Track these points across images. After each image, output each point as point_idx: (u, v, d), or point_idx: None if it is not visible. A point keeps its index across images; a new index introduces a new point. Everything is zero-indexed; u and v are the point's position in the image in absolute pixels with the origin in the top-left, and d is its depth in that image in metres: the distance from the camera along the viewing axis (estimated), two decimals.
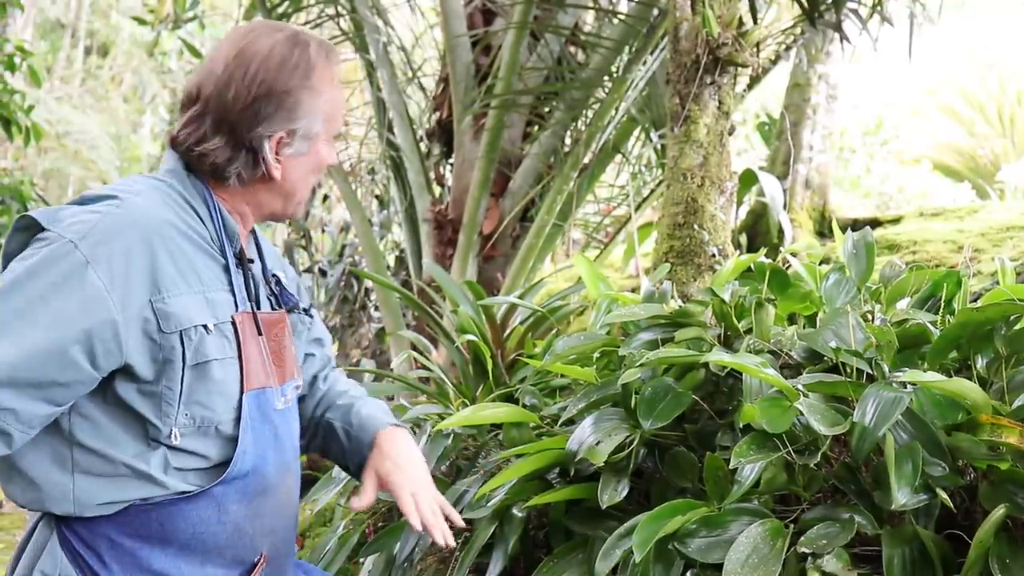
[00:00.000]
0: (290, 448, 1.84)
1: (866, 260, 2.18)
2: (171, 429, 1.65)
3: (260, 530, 1.77)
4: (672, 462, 1.99)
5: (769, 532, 1.62)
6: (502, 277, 4.81)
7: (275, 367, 1.81)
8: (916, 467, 1.57)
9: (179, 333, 1.64)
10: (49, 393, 1.57)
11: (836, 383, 1.80)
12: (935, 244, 4.75)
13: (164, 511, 1.67)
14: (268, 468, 1.76)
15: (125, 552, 1.67)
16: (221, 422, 1.70)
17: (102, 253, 1.59)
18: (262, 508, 1.77)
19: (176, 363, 1.64)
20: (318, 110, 1.79)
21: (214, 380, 1.68)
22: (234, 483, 1.72)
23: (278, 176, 1.79)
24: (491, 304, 2.93)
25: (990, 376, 1.79)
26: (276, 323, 1.86)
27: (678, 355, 1.99)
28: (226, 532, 1.73)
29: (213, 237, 1.76)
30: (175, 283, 1.66)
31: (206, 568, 1.72)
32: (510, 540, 2.22)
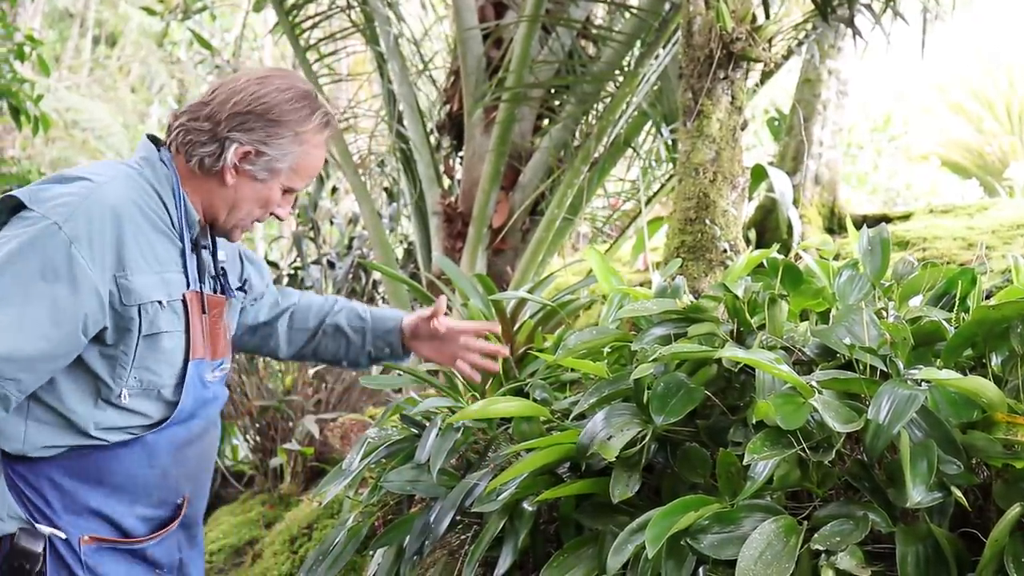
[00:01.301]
0: (215, 410, 2.15)
1: (881, 257, 2.17)
2: (121, 390, 1.92)
3: (183, 476, 2.08)
4: (684, 458, 1.99)
5: (783, 529, 1.61)
6: (511, 270, 4.80)
7: (210, 344, 2.08)
8: (931, 465, 1.56)
9: (137, 307, 1.90)
10: (47, 363, 1.82)
11: (850, 380, 1.79)
12: (945, 241, 4.74)
13: (101, 455, 1.94)
14: (195, 423, 2.07)
15: (65, 492, 1.93)
16: (164, 386, 1.98)
17: (82, 232, 1.81)
18: (186, 457, 2.07)
19: (132, 332, 1.90)
20: (291, 154, 2.04)
21: (163, 350, 1.96)
22: (164, 433, 2.00)
23: (230, 181, 2.03)
24: (501, 298, 2.92)
25: (1005, 374, 1.79)
26: (216, 305, 2.12)
27: (691, 350, 1.98)
28: (154, 476, 2.01)
29: (174, 222, 2.00)
30: (136, 262, 1.90)
31: (135, 508, 2.01)
32: (520, 534, 2.21)
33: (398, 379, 3.20)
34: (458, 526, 2.53)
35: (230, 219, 2.10)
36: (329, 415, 5.30)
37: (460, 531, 2.55)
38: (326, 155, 2.21)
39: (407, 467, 2.47)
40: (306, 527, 4.12)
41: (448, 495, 2.38)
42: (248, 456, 6.07)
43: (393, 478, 2.46)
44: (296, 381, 5.67)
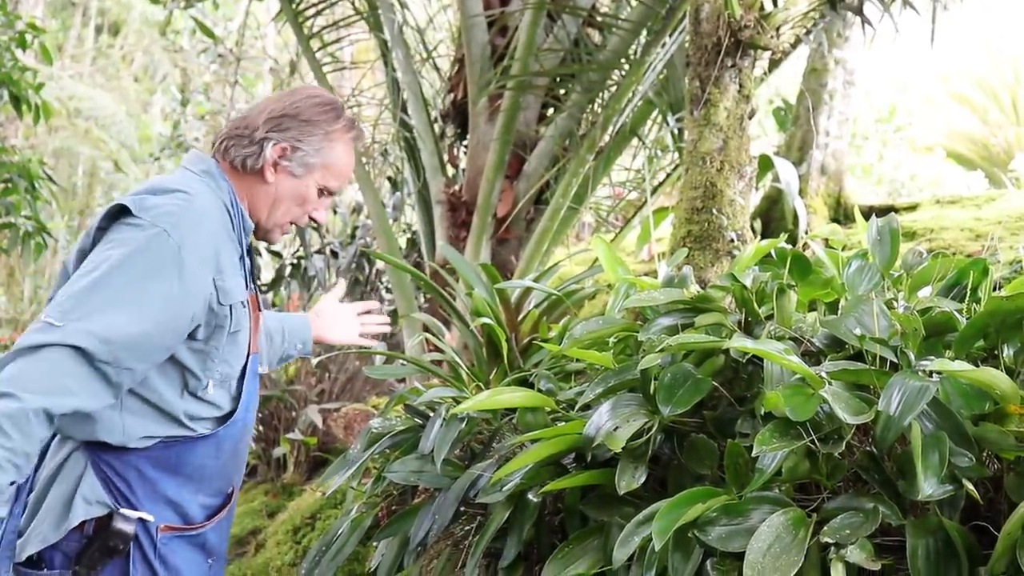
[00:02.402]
0: (256, 404, 2.31)
1: (891, 247, 2.14)
2: (208, 382, 2.11)
3: (234, 467, 2.27)
4: (691, 449, 1.97)
5: (791, 521, 1.59)
6: (516, 260, 4.78)
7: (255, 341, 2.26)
8: (943, 457, 1.54)
9: (229, 306, 2.09)
10: (157, 354, 2.01)
11: (860, 371, 1.77)
12: (952, 232, 4.71)
13: (182, 447, 2.12)
14: (250, 416, 2.26)
15: (148, 480, 2.10)
16: (234, 378, 2.18)
17: (189, 239, 2.00)
18: (239, 450, 2.26)
19: (224, 329, 2.10)
20: (323, 150, 2.25)
21: (239, 344, 2.16)
22: (231, 427, 2.18)
23: (270, 178, 2.23)
24: (506, 288, 2.90)
25: (1018, 366, 1.76)
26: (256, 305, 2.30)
27: (698, 341, 1.96)
28: (218, 467, 2.20)
29: (236, 230, 2.19)
30: (227, 266, 2.10)
31: (198, 497, 2.19)
32: (525, 525, 2.20)
33: (402, 369, 3.18)
34: (462, 517, 2.52)
35: (271, 218, 2.28)
36: (332, 405, 5.29)
37: (464, 522, 2.54)
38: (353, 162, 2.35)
39: (411, 457, 2.45)
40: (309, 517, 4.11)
41: (452, 486, 2.36)
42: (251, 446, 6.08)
43: (397, 468, 2.45)
44: (299, 371, 5.67)
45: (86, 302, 1.92)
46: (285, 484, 5.22)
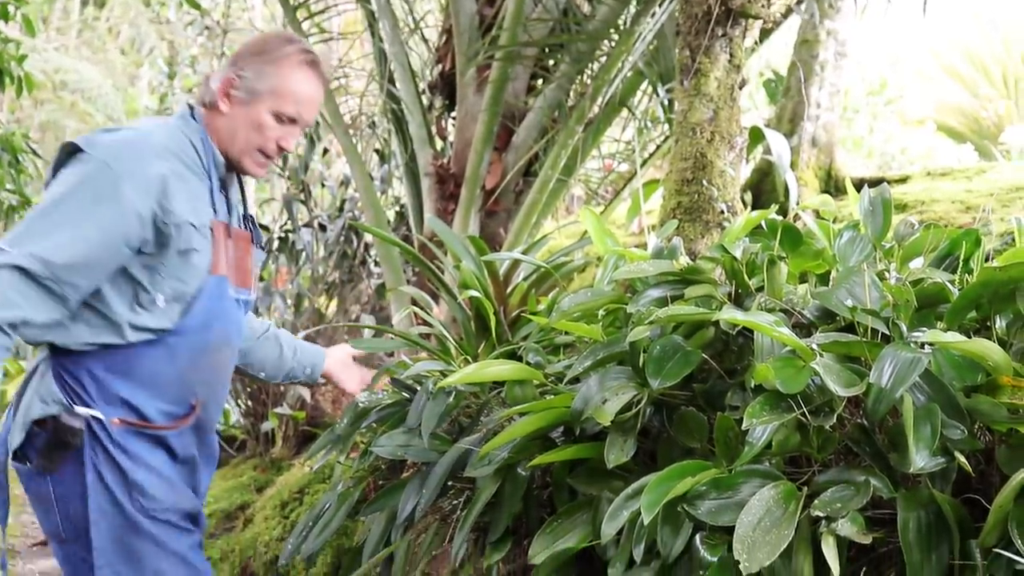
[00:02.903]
0: (234, 331, 2.52)
1: (883, 218, 2.12)
2: (158, 295, 2.32)
3: (198, 381, 2.44)
4: (680, 422, 1.95)
5: (782, 495, 1.57)
6: (504, 232, 4.74)
7: (235, 271, 2.48)
8: (935, 430, 1.52)
9: (174, 225, 2.29)
10: (101, 271, 2.25)
11: (851, 343, 1.75)
12: (943, 204, 4.69)
13: (132, 352, 2.34)
14: (211, 335, 2.43)
15: (99, 381, 2.33)
16: (191, 295, 2.36)
17: (128, 169, 2.25)
18: (201, 365, 2.43)
19: (169, 247, 2.30)
20: (269, 77, 2.41)
21: (193, 265, 2.35)
22: (184, 337, 2.37)
23: (224, 109, 2.42)
24: (494, 260, 2.87)
25: (1010, 337, 1.75)
26: (243, 240, 2.53)
27: (688, 313, 1.94)
28: (173, 375, 2.39)
29: (204, 165, 2.41)
30: (175, 192, 2.30)
31: (156, 402, 2.38)
32: (513, 499, 2.18)
33: (388, 342, 3.16)
34: (450, 491, 2.50)
35: (235, 147, 2.45)
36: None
37: (452, 496, 2.52)
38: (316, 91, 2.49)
39: (398, 432, 2.43)
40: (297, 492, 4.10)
41: (440, 460, 2.34)
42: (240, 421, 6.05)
43: (384, 443, 2.43)
44: None
45: (33, 228, 2.23)
46: (274, 459, 5.20)
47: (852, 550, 1.63)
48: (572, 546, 1.97)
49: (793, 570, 1.53)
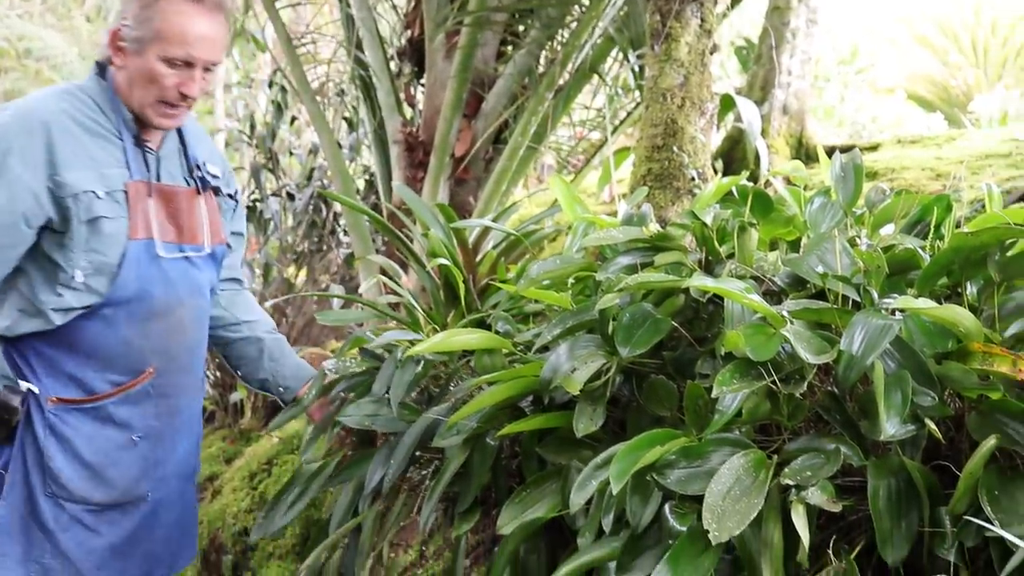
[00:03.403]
0: (184, 290, 2.38)
1: (854, 183, 2.10)
2: (75, 271, 2.22)
3: (149, 349, 2.34)
4: (650, 390, 1.93)
5: (751, 463, 1.56)
6: (474, 201, 4.70)
7: (173, 228, 2.36)
8: (905, 397, 1.51)
9: (71, 196, 2.19)
10: (5, 255, 2.20)
11: (822, 310, 1.73)
12: (913, 172, 4.69)
13: (71, 327, 2.26)
14: (153, 300, 2.32)
15: (45, 357, 2.28)
16: (113, 264, 2.25)
17: (14, 145, 2.18)
18: (150, 330, 2.33)
19: (72, 220, 2.20)
20: (148, 23, 2.24)
21: (105, 233, 2.23)
22: (120, 307, 2.28)
23: (119, 63, 2.30)
24: (463, 227, 2.83)
25: (981, 304, 1.73)
26: (178, 195, 2.39)
27: (658, 280, 1.91)
28: (118, 346, 2.30)
29: (114, 125, 2.31)
30: (69, 161, 2.21)
31: (106, 374, 2.31)
32: (481, 469, 2.16)
33: (355, 313, 3.12)
34: (419, 461, 2.48)
35: (134, 100, 2.30)
36: None
37: (421, 467, 2.50)
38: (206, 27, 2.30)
39: (366, 401, 2.40)
40: (266, 463, 4.05)
41: (408, 430, 2.31)
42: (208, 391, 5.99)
43: (351, 412, 2.40)
44: None
45: None
46: (243, 430, 5.15)
47: (822, 518, 1.62)
48: (541, 516, 1.95)
49: (763, 539, 1.52)
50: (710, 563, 1.51)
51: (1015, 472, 1.50)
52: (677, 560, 1.52)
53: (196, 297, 2.44)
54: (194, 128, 2.55)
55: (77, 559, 2.33)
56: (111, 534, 2.38)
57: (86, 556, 2.34)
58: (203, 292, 2.47)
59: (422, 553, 2.98)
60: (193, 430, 2.54)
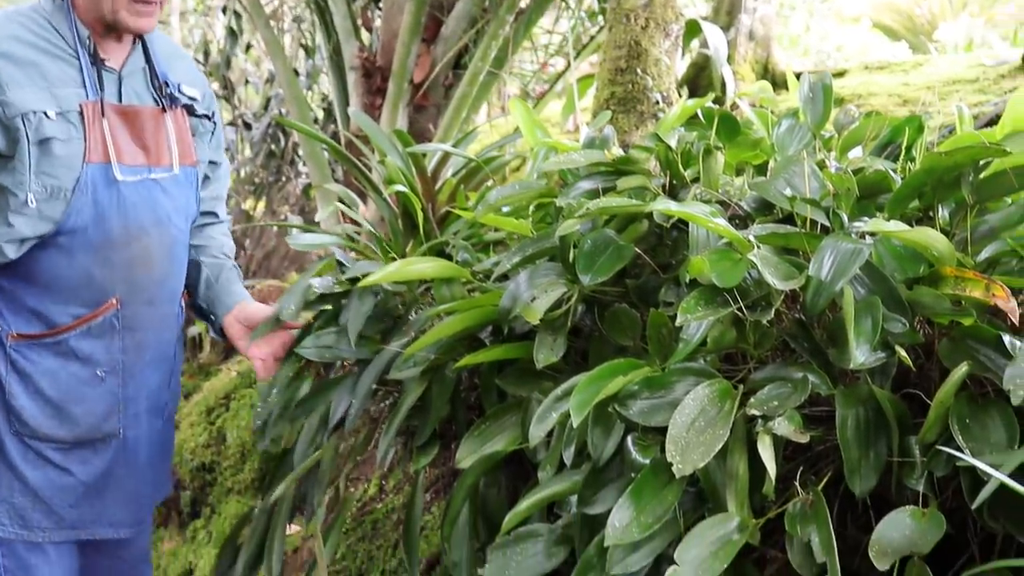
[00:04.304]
0: (148, 218, 2.30)
1: (823, 105, 2.02)
2: (27, 195, 2.16)
3: (111, 279, 2.28)
4: (612, 319, 1.86)
5: (717, 393, 1.50)
6: (434, 128, 4.59)
7: (138, 150, 2.29)
8: (876, 323, 1.45)
9: (19, 117, 2.14)
10: None
11: (790, 235, 1.66)
12: (880, 98, 4.64)
13: (27, 258, 2.21)
14: (111, 226, 2.25)
15: (5, 293, 2.25)
16: (67, 189, 2.19)
17: None
18: (111, 260, 2.26)
19: (22, 141, 2.15)
20: None
21: (57, 155, 2.18)
22: (76, 235, 2.22)
23: None
24: (421, 153, 2.74)
25: (953, 227, 1.68)
26: (141, 114, 2.33)
27: (620, 205, 1.84)
28: (78, 276, 2.25)
29: (71, 44, 2.24)
30: (16, 81, 2.16)
31: (69, 307, 2.27)
32: (440, 402, 2.10)
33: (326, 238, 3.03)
34: (378, 394, 2.42)
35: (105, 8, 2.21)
36: (248, 282, 5.12)
37: (381, 399, 2.44)
38: None
39: (326, 332, 2.33)
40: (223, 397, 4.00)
41: (369, 363, 2.25)
42: None
43: (309, 344, 2.32)
44: None
45: None
46: (202, 364, 5.07)
47: (789, 449, 1.58)
48: (500, 449, 1.90)
49: (728, 471, 1.47)
50: (673, 496, 1.46)
51: (986, 400, 1.46)
52: (640, 493, 1.47)
53: (164, 226, 2.35)
54: (168, 47, 2.50)
55: (48, 498, 2.31)
56: (83, 473, 2.35)
57: (57, 494, 2.32)
58: (172, 220, 2.38)
59: (381, 487, 2.95)
60: (167, 366, 2.49)
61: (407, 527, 2.11)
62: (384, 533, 2.75)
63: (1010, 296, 1.43)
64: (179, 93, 2.43)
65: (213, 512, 3.82)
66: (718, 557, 1.38)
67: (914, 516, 1.37)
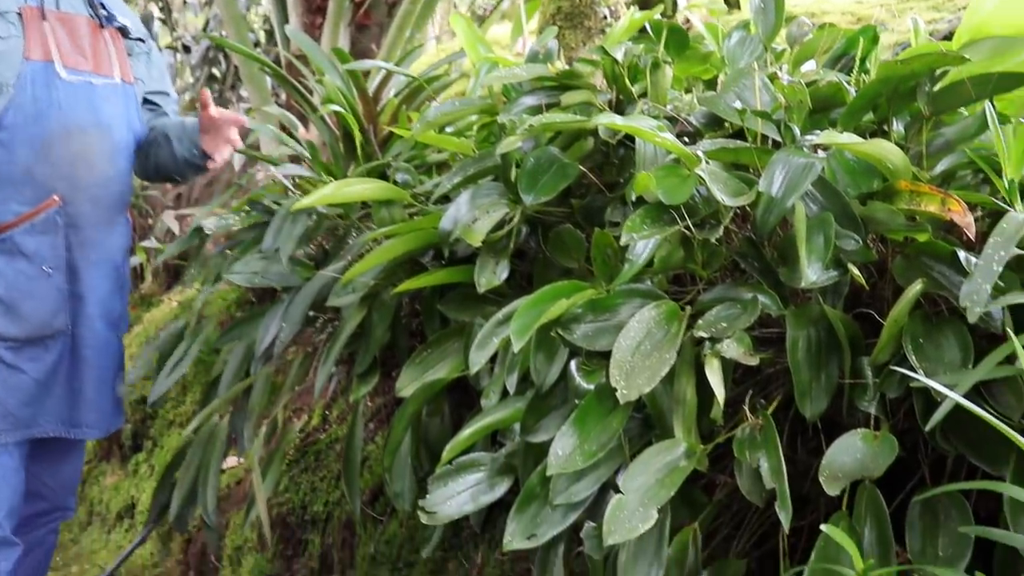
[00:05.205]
0: (87, 117, 2.39)
1: (775, 16, 1.93)
2: None
3: (52, 175, 2.35)
4: (556, 240, 1.79)
5: (663, 315, 1.44)
6: (377, 48, 4.44)
7: (79, 55, 2.40)
8: (828, 240, 1.39)
9: None
10: None
11: (740, 149, 1.59)
12: (833, 16, 4.55)
13: None
14: (50, 122, 2.33)
15: None
16: (8, 84, 2.28)
17: None
18: (52, 156, 2.34)
19: None
20: None
21: None
22: (16, 130, 2.30)
23: None
24: (362, 72, 2.63)
25: (908, 140, 1.61)
26: (78, 22, 2.43)
27: (564, 121, 1.75)
28: (19, 172, 2.31)
29: None
30: None
31: (10, 205, 2.32)
32: (380, 329, 2.03)
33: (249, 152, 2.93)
34: (317, 322, 2.34)
35: None
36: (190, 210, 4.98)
37: (320, 328, 2.36)
38: None
39: (254, 257, 2.24)
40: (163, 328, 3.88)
41: (302, 288, 2.17)
42: None
43: (239, 269, 2.24)
44: None
45: None
46: (143, 295, 4.96)
47: (738, 372, 1.52)
48: (443, 377, 1.84)
49: (675, 396, 1.41)
50: (619, 423, 1.40)
51: (941, 319, 1.41)
52: (584, 420, 1.41)
53: (104, 129, 2.45)
54: None
55: (2, 399, 2.36)
56: (34, 370, 2.40)
57: (10, 393, 2.37)
58: (114, 125, 2.47)
59: (325, 418, 2.88)
60: (117, 275, 2.56)
61: (346, 458, 2.05)
62: (327, 464, 2.69)
63: (966, 211, 1.37)
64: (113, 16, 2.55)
65: (155, 445, 3.74)
66: (664, 484, 1.33)
67: (866, 439, 1.32)
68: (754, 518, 1.55)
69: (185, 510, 2.27)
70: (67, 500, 2.65)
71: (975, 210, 1.47)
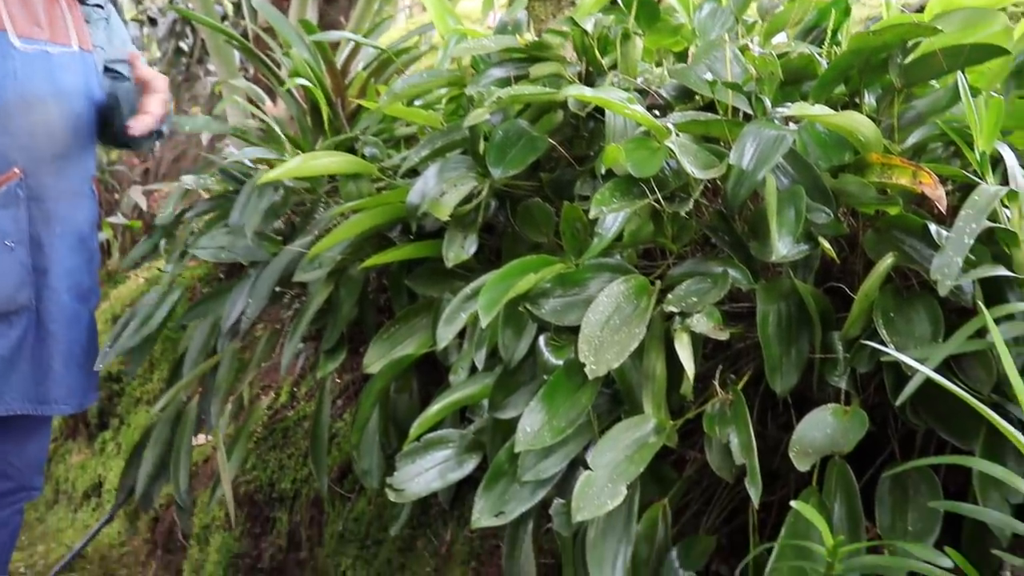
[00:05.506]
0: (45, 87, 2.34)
1: None
2: None
3: (12, 147, 2.29)
4: (525, 214, 1.77)
5: (633, 290, 1.42)
6: (345, 20, 4.39)
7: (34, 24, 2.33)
8: (799, 214, 1.37)
9: None
10: None
11: (711, 121, 1.57)
12: None
13: None
14: (7, 95, 2.28)
15: None
16: None
17: None
18: (11, 127, 2.29)
19: None
20: None
21: None
22: None
23: None
24: (327, 42, 2.58)
25: (880, 113, 1.60)
26: None
27: (533, 93, 1.73)
28: None
29: None
30: None
31: None
32: (347, 305, 2.00)
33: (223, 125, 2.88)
34: (284, 298, 2.30)
35: None
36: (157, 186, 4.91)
37: (288, 304, 2.33)
38: None
39: (220, 231, 2.20)
40: (129, 304, 3.84)
41: (269, 264, 2.13)
42: None
43: (205, 244, 2.20)
44: None
45: None
46: (109, 271, 4.89)
47: (708, 347, 1.51)
48: (411, 353, 1.81)
49: (644, 371, 1.40)
50: (587, 399, 1.38)
51: (912, 292, 1.40)
52: (552, 396, 1.40)
53: (63, 98, 2.39)
54: None
55: None
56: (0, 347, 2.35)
57: None
58: (73, 97, 2.42)
59: (293, 395, 2.85)
60: (82, 246, 2.49)
61: (314, 435, 2.02)
62: (295, 441, 2.66)
63: (937, 183, 1.36)
64: None
65: (122, 423, 3.69)
66: (634, 460, 1.32)
67: (836, 414, 1.31)
68: (724, 494, 1.54)
69: (151, 488, 2.24)
70: (33, 479, 2.61)
71: (946, 183, 1.46)
